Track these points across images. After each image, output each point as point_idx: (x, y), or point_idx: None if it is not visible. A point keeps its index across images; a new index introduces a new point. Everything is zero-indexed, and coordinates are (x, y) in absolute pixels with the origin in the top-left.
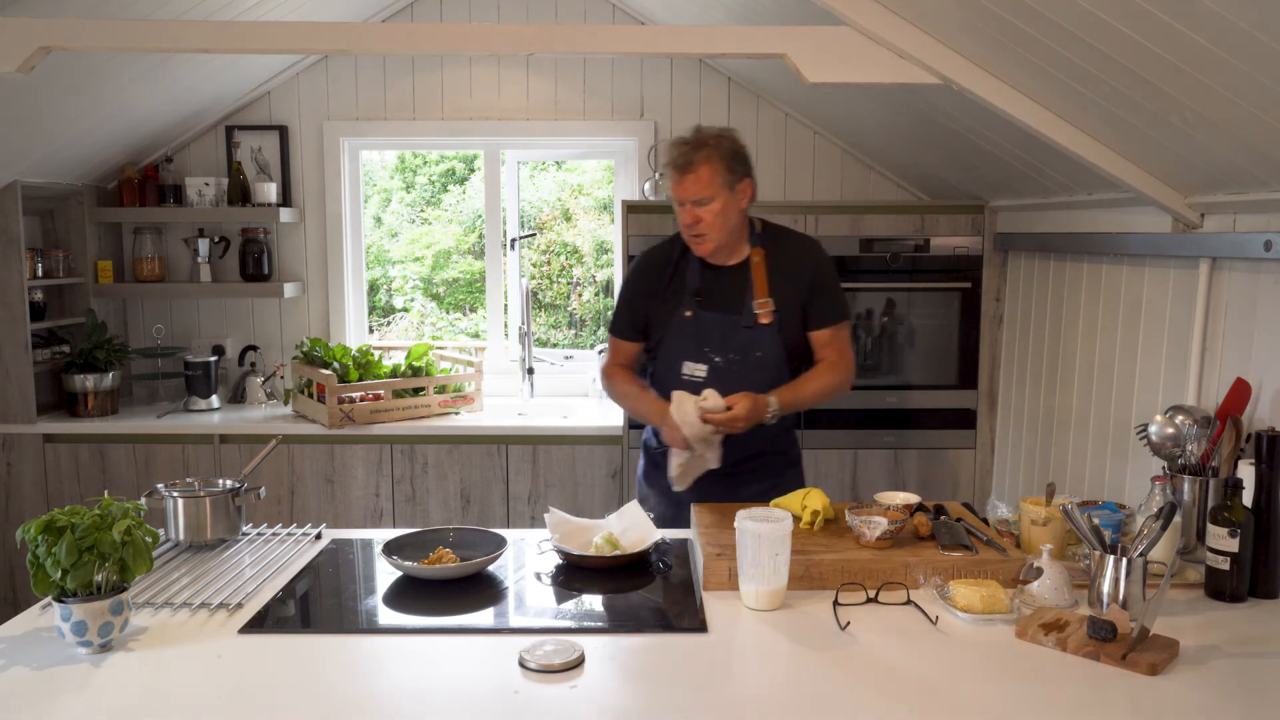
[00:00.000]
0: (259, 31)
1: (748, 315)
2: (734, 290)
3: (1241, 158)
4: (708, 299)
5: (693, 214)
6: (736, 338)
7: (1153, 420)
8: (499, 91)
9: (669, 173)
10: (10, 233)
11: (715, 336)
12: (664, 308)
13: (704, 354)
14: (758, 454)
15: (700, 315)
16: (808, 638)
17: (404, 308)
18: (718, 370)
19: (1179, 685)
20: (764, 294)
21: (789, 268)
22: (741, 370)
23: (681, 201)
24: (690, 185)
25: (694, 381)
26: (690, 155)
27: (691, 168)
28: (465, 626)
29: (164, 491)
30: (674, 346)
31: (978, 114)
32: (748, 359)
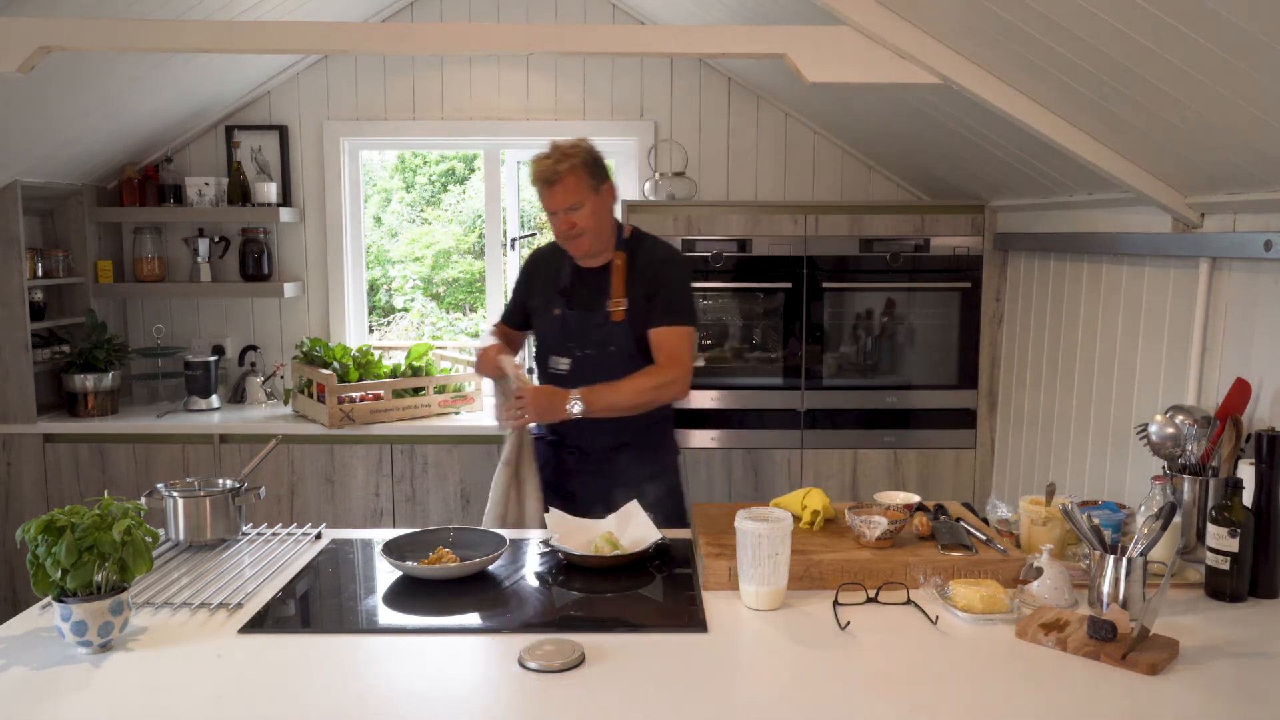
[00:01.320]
0: (259, 31)
1: (603, 313)
2: (597, 290)
3: (1241, 158)
4: (574, 298)
5: (567, 221)
6: (594, 334)
7: (1153, 420)
8: (499, 91)
9: (537, 188)
10: (10, 233)
11: (577, 333)
12: (540, 305)
13: (568, 349)
14: (623, 444)
15: (566, 313)
16: (808, 638)
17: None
18: (579, 363)
19: (1179, 685)
20: (620, 294)
21: (643, 270)
22: (599, 364)
23: (554, 211)
24: (560, 195)
25: (559, 374)
26: (554, 168)
27: (559, 179)
28: (465, 626)
29: (164, 491)
30: (545, 341)
31: (978, 114)
32: (604, 353)
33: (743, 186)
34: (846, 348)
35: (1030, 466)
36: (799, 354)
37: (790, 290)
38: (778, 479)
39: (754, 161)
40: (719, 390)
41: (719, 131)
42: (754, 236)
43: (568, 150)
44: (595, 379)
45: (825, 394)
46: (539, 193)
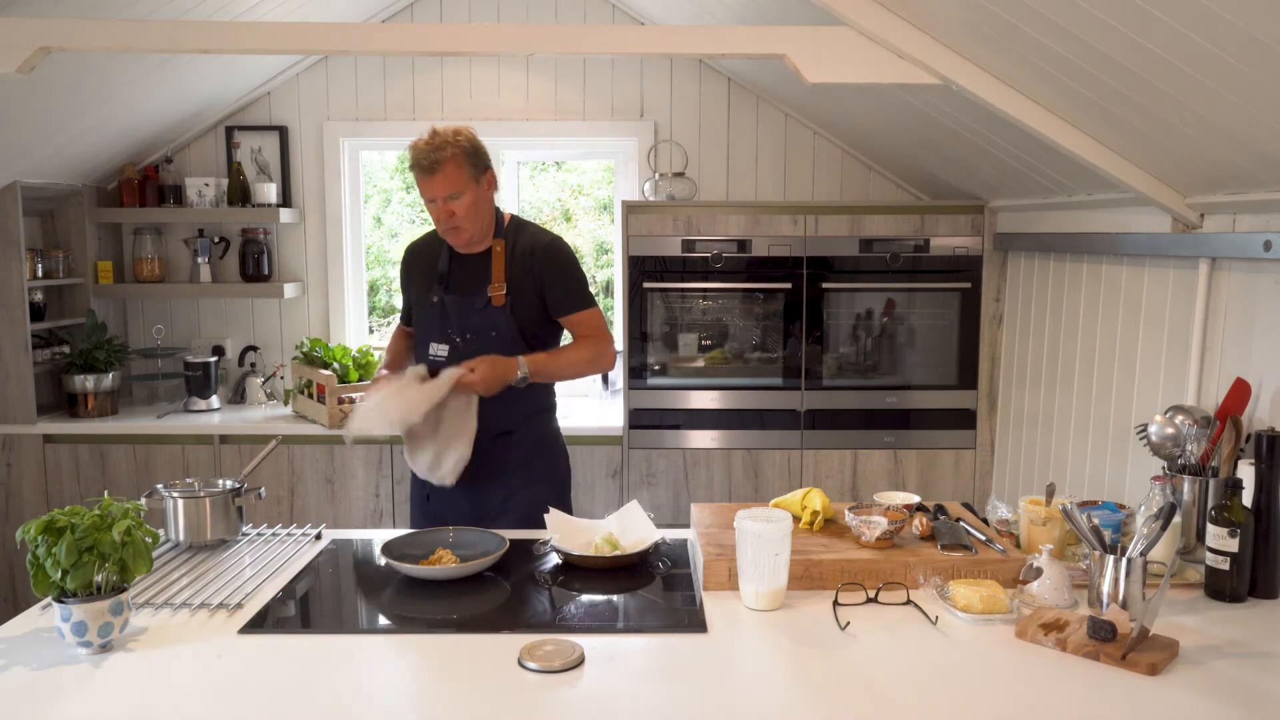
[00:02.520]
0: (259, 32)
1: (482, 298)
2: (476, 276)
3: (1241, 158)
4: (451, 284)
5: (445, 209)
6: (473, 319)
7: (1153, 420)
8: (499, 92)
9: (415, 174)
10: (10, 233)
11: (456, 318)
12: (417, 293)
13: (447, 334)
14: (505, 432)
15: (444, 299)
16: (808, 638)
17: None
18: (458, 349)
19: (1179, 685)
20: (500, 279)
21: (524, 258)
22: (480, 348)
23: (433, 199)
24: (439, 184)
25: (438, 360)
26: (434, 155)
27: (439, 167)
28: (465, 626)
29: (164, 492)
30: (423, 328)
31: (978, 114)
32: (484, 338)
33: (742, 187)
34: (846, 348)
35: (1030, 466)
36: (799, 354)
37: (790, 290)
38: (778, 479)
39: (754, 162)
40: (719, 390)
41: (719, 132)
42: (754, 237)
43: (448, 138)
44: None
45: (825, 394)
46: (416, 180)
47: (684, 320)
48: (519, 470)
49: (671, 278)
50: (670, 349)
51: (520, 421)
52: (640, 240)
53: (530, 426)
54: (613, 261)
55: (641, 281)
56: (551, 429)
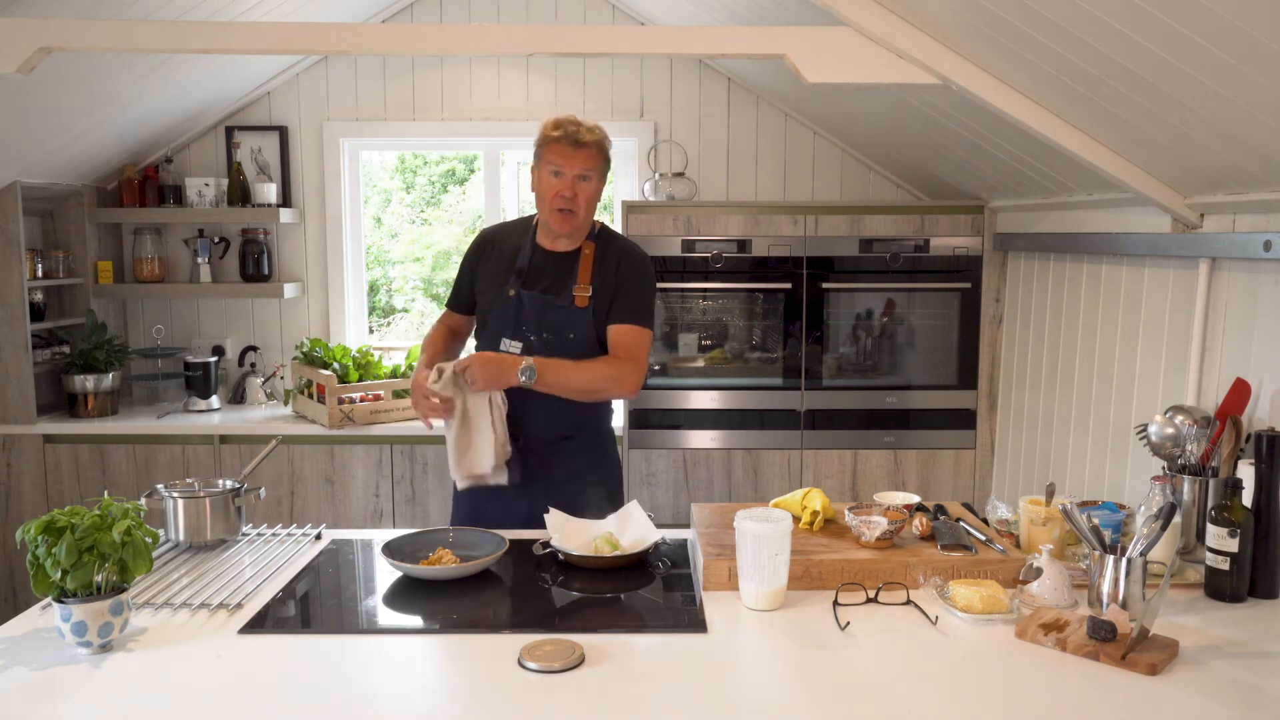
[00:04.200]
0: (259, 32)
1: (566, 297)
2: (560, 275)
3: (1241, 158)
4: (532, 280)
5: (574, 187)
6: (552, 317)
7: (1153, 420)
8: (499, 92)
9: (559, 144)
10: (10, 233)
11: (533, 315)
12: (489, 284)
13: (521, 331)
14: (568, 436)
15: (522, 294)
16: (808, 638)
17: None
18: (532, 348)
19: (1178, 685)
20: (586, 280)
21: (612, 265)
22: (555, 349)
23: (563, 172)
24: (582, 159)
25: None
26: (584, 133)
27: (585, 145)
28: (465, 626)
29: (164, 492)
30: (495, 323)
31: (978, 114)
32: (562, 339)
33: (742, 187)
34: (846, 348)
35: (1030, 466)
36: (799, 354)
37: (790, 291)
38: (778, 479)
39: (754, 162)
40: (719, 390)
41: (719, 132)
42: (754, 237)
43: (594, 125)
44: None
45: (825, 394)
46: (555, 152)
47: (684, 320)
48: (580, 475)
49: (671, 278)
50: (670, 349)
51: (579, 426)
52: (640, 240)
53: (590, 431)
54: None
55: None
56: (609, 434)
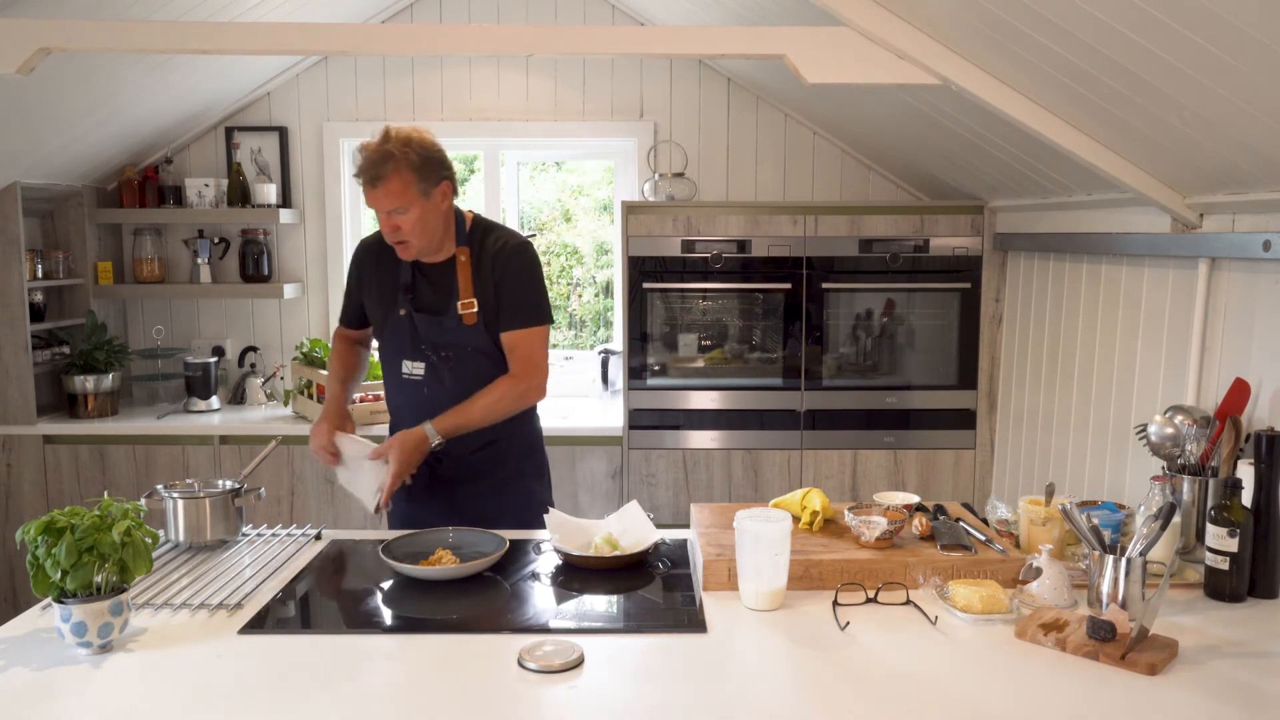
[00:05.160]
0: (259, 32)
1: (452, 316)
2: (441, 290)
3: (1240, 158)
4: (418, 298)
5: (391, 222)
6: (447, 337)
7: (1152, 420)
8: (498, 92)
9: (364, 183)
10: (10, 234)
11: (428, 335)
12: (378, 303)
13: (421, 351)
14: (490, 442)
15: (413, 315)
16: (807, 638)
17: None
18: (435, 367)
19: (1178, 685)
20: (468, 294)
21: (488, 270)
22: (459, 365)
23: (379, 211)
24: (382, 197)
25: (414, 379)
26: (379, 168)
27: (380, 181)
28: (465, 627)
29: (164, 492)
30: (392, 345)
31: (977, 114)
32: (462, 354)
33: (742, 187)
34: (846, 348)
35: (1030, 466)
36: (799, 354)
37: (790, 291)
38: (778, 479)
39: (753, 162)
40: (719, 391)
41: (719, 132)
42: (753, 237)
43: (394, 148)
44: (452, 382)
45: (825, 394)
46: (367, 195)
47: (684, 320)
48: (511, 476)
49: (671, 278)
50: (670, 349)
51: (503, 427)
52: (640, 240)
53: (515, 432)
54: (613, 262)
55: (641, 282)
56: (537, 429)
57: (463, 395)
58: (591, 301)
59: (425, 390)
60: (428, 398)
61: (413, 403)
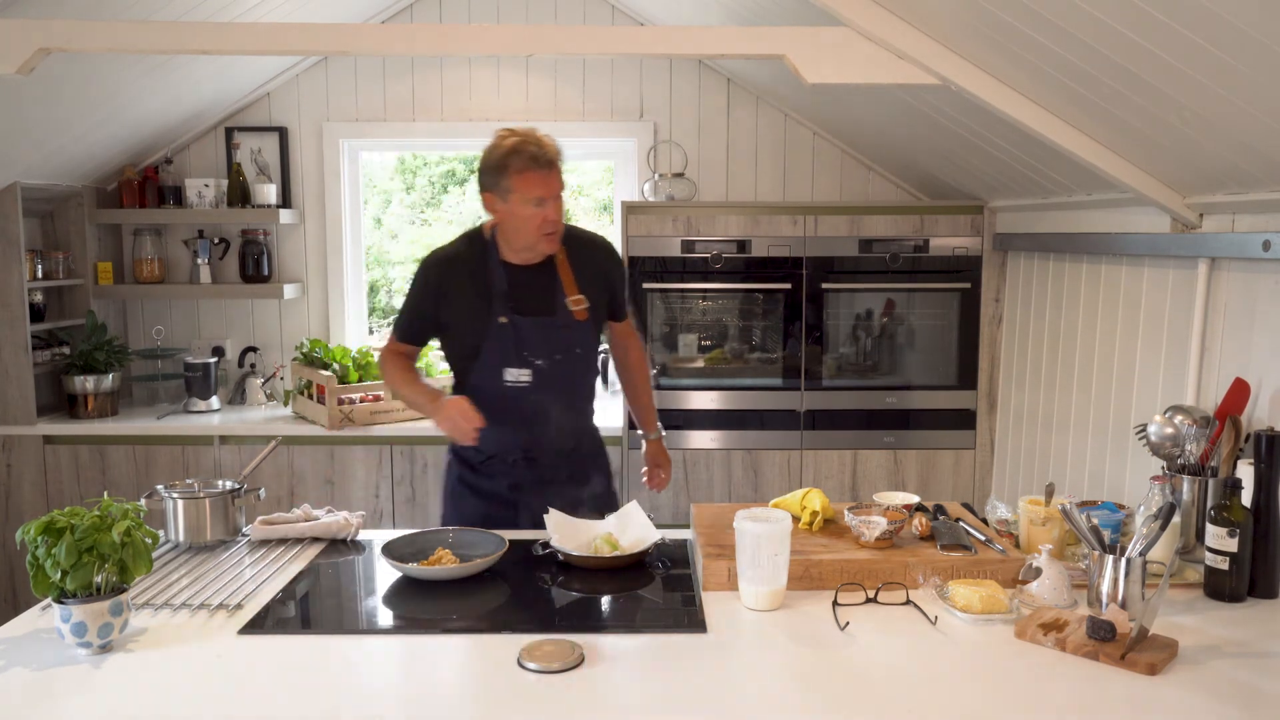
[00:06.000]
0: (259, 33)
1: (564, 314)
2: (544, 290)
3: (1240, 158)
4: (520, 302)
5: (548, 211)
6: (556, 338)
7: (1152, 420)
8: (498, 92)
9: (531, 172)
10: (10, 234)
11: (535, 340)
12: (471, 314)
13: (525, 359)
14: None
15: (516, 320)
16: (807, 638)
17: None
18: (541, 374)
19: (1178, 685)
20: (575, 291)
21: (590, 265)
22: (563, 370)
23: (544, 199)
24: (556, 180)
25: (519, 387)
26: (553, 152)
27: (553, 162)
28: (465, 627)
29: (164, 492)
30: (494, 354)
31: (977, 115)
32: (570, 358)
33: (742, 187)
34: (846, 348)
35: (1030, 466)
36: (798, 354)
37: (790, 291)
38: (778, 479)
39: (753, 162)
40: (719, 391)
41: (718, 132)
42: (753, 237)
43: (545, 134)
44: (558, 387)
45: (825, 394)
46: (529, 181)
47: (684, 321)
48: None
49: (671, 278)
50: (670, 349)
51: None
52: (640, 241)
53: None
54: None
55: (641, 282)
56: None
57: (569, 400)
58: None
59: (532, 397)
60: (535, 404)
61: (517, 411)
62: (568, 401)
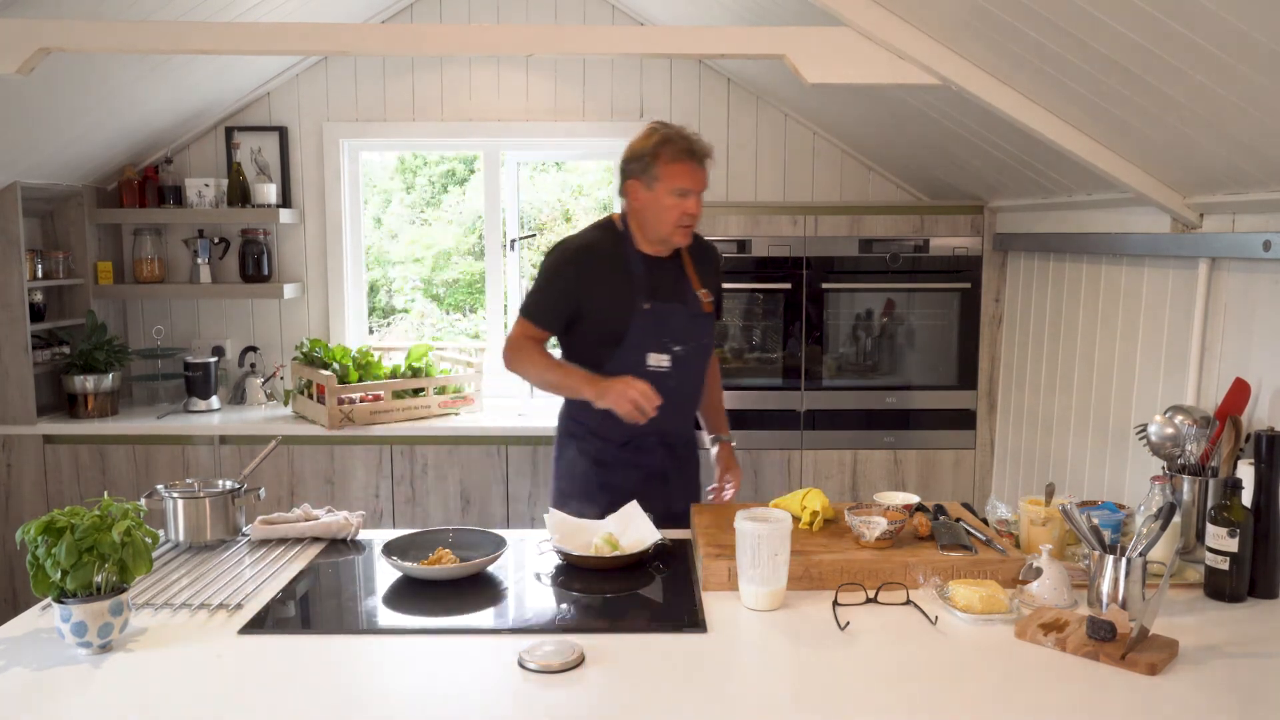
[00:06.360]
0: (259, 33)
1: (694, 303)
2: (675, 281)
3: (1240, 158)
4: (657, 290)
5: (690, 205)
6: (690, 326)
7: (1152, 420)
8: (498, 92)
9: (683, 162)
10: (10, 234)
11: (673, 327)
12: (614, 302)
13: (664, 344)
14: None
15: (657, 307)
16: (807, 638)
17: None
18: (677, 359)
19: (1178, 685)
20: (698, 285)
21: (706, 264)
22: (693, 358)
23: (688, 191)
24: (703, 176)
25: (660, 372)
26: (704, 149)
27: (704, 159)
28: (465, 627)
29: (164, 492)
30: (637, 339)
31: (977, 114)
32: (699, 346)
33: (742, 187)
34: (846, 348)
35: (1030, 466)
36: (798, 354)
37: (790, 291)
38: (778, 479)
39: (754, 162)
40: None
41: (718, 132)
42: (753, 237)
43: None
44: (689, 374)
45: (825, 394)
46: (679, 172)
47: None
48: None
49: None
50: None
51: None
52: None
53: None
54: None
55: None
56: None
57: (695, 388)
58: None
59: (670, 383)
60: (673, 389)
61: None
62: (694, 389)
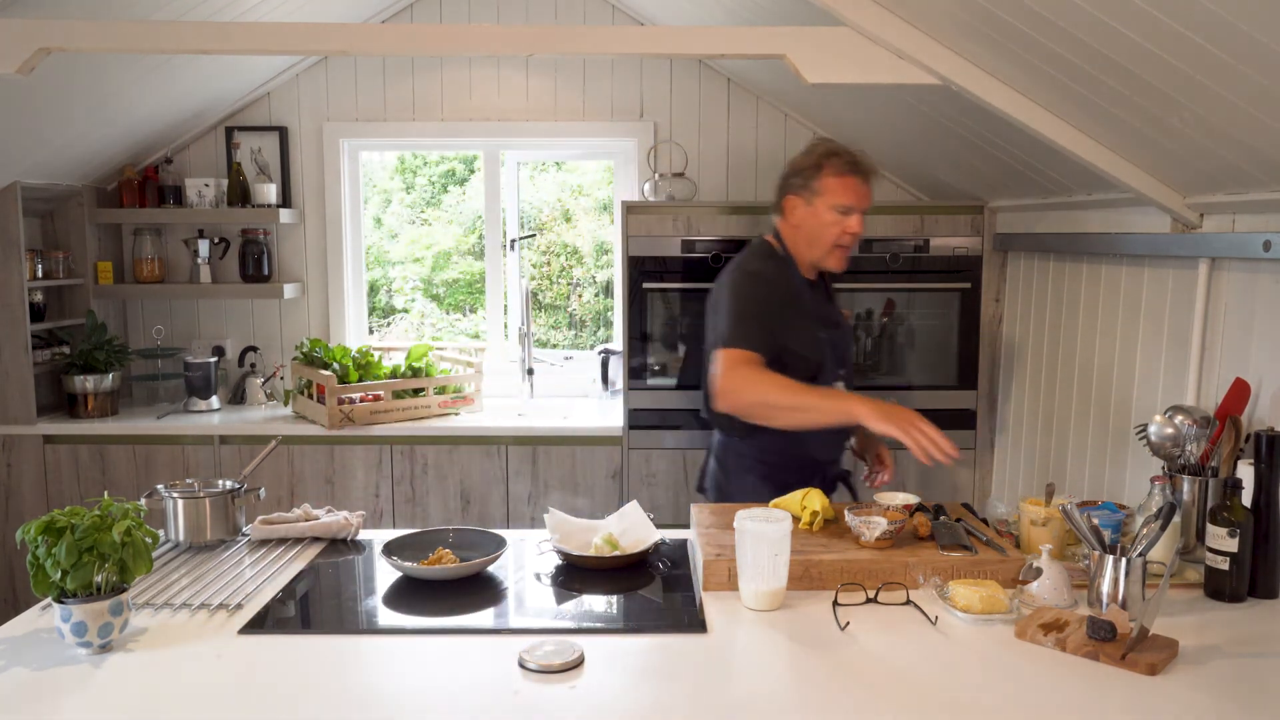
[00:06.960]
0: (259, 33)
1: (847, 327)
2: (828, 304)
3: (1241, 158)
4: (825, 317)
5: (859, 223)
6: (848, 349)
7: (1152, 420)
8: (499, 92)
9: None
10: (10, 234)
11: (840, 353)
12: (802, 326)
13: (836, 373)
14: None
15: (830, 335)
16: (807, 638)
17: (404, 308)
18: (847, 384)
19: (1178, 685)
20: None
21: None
22: (849, 379)
23: (850, 208)
24: (867, 193)
25: None
26: (870, 165)
27: (871, 177)
28: (465, 627)
29: (164, 492)
30: (826, 369)
31: (977, 114)
32: (850, 369)
33: (742, 187)
34: None
35: (1030, 466)
36: None
37: None
38: None
39: (754, 162)
40: None
41: (719, 132)
42: (753, 237)
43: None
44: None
45: None
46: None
47: (684, 320)
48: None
49: (671, 278)
50: (670, 349)
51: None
52: (640, 240)
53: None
54: (612, 262)
55: (641, 282)
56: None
57: None
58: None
59: None
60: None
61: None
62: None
